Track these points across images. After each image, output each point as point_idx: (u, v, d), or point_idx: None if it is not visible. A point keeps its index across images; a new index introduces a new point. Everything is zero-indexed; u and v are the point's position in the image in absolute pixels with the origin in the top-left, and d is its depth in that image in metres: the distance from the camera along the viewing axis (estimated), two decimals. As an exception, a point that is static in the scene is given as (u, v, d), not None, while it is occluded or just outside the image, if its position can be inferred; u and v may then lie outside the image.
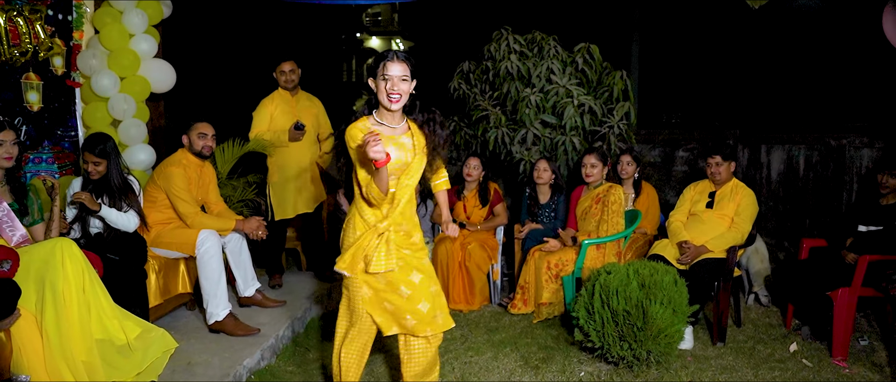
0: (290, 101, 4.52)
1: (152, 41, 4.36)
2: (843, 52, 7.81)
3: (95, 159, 3.37)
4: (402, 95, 2.49)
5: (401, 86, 2.47)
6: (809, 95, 8.04)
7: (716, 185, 4.22)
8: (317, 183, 4.62)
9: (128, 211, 3.42)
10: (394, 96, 2.47)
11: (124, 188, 3.44)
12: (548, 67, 5.13)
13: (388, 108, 2.51)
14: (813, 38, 8.04)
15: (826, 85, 7.95)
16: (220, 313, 3.61)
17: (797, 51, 8.27)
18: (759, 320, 4.38)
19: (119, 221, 3.37)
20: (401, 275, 2.62)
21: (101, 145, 3.38)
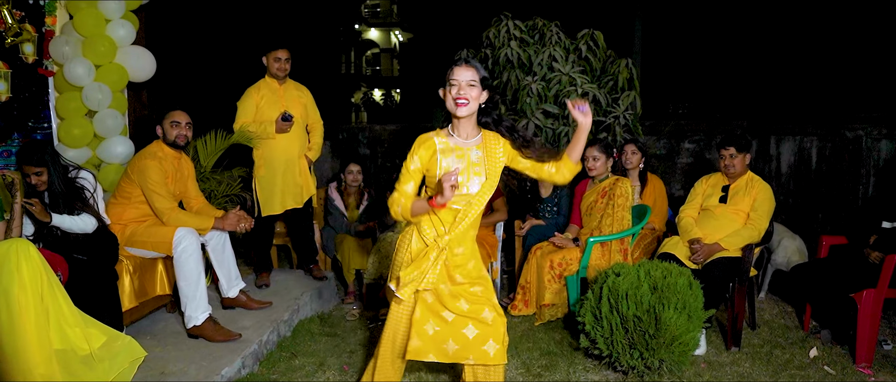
0: (277, 90, 4.26)
1: (130, 27, 4.10)
2: (858, 38, 7.51)
3: (35, 169, 3.06)
4: (469, 100, 2.31)
5: (468, 91, 2.31)
6: (822, 83, 7.74)
7: (729, 178, 3.97)
8: (305, 177, 4.36)
9: (81, 214, 3.15)
10: (460, 101, 2.30)
11: (70, 194, 3.16)
12: (550, 54, 4.87)
13: (454, 114, 2.34)
14: (826, 23, 7.73)
15: (840, 73, 7.65)
16: (199, 316, 3.36)
17: (809, 37, 7.96)
18: (774, 321, 4.14)
19: (73, 226, 3.11)
20: (449, 299, 2.44)
21: (37, 154, 3.07)
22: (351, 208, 4.82)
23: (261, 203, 4.28)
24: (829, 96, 7.52)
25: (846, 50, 7.63)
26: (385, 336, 2.59)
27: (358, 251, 4.53)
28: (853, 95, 7.28)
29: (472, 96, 2.31)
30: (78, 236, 3.10)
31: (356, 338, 3.92)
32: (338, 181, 4.85)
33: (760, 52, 8.39)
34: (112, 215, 3.46)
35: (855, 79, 7.46)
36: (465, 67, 2.32)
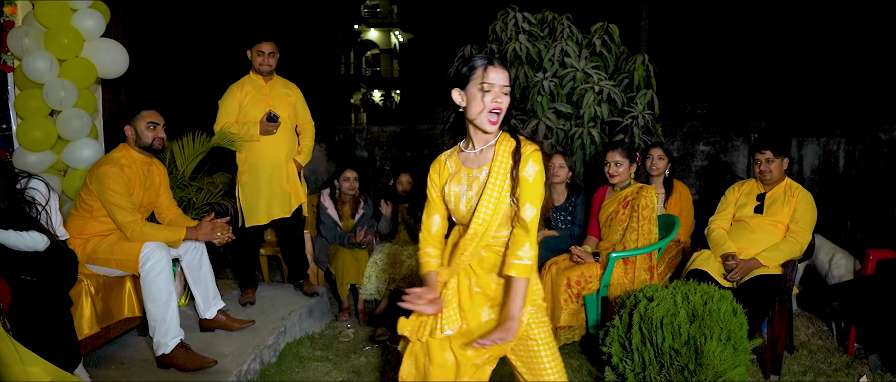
0: (262, 88, 3.86)
1: (99, 17, 3.69)
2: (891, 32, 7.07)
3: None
4: (502, 112, 1.90)
5: (502, 99, 1.89)
6: (850, 81, 7.30)
7: (765, 186, 3.56)
8: (294, 183, 3.96)
9: (29, 230, 2.72)
10: (494, 112, 1.88)
11: (14, 207, 2.73)
12: (562, 48, 4.47)
13: (483, 128, 1.92)
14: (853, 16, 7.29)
15: (871, 70, 7.21)
16: (169, 343, 2.96)
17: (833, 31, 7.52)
18: (812, 343, 3.73)
19: (19, 243, 2.68)
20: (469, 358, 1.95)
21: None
22: (345, 218, 4.41)
23: (244, 212, 3.88)
24: (857, 96, 7.09)
25: (877, 44, 7.18)
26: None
27: (353, 264, 4.13)
28: (886, 94, 6.85)
29: (505, 107, 1.89)
30: (26, 255, 2.69)
31: (350, 364, 3.52)
32: (331, 188, 4.44)
33: (779, 47, 7.96)
34: (72, 229, 3.05)
35: (889, 76, 7.02)
36: (500, 69, 1.88)
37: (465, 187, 1.95)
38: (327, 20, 18.02)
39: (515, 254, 1.85)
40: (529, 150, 1.89)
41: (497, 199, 1.88)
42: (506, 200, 1.89)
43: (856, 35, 7.24)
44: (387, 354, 3.63)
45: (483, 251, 1.95)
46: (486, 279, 1.96)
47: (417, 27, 22.60)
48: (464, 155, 2.00)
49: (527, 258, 1.84)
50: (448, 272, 1.97)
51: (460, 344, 1.93)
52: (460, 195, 1.96)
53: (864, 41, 7.19)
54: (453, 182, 1.98)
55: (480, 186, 1.92)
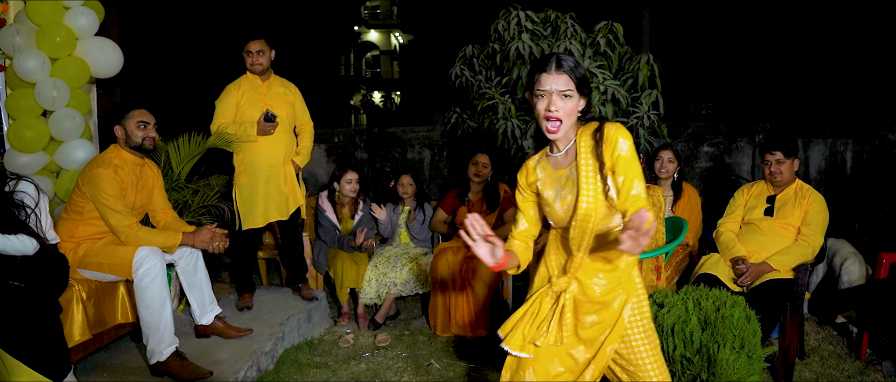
0: (259, 87, 3.77)
1: (92, 15, 3.61)
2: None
3: None
4: (563, 118, 1.78)
5: (561, 104, 1.78)
6: (857, 81, 7.20)
7: (775, 187, 3.48)
8: (292, 185, 3.86)
9: (18, 234, 2.63)
10: (552, 124, 1.78)
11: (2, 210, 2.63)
12: (566, 48, 4.38)
13: (545, 132, 1.84)
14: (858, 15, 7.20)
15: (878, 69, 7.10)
16: (163, 351, 2.87)
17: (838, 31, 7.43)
18: (823, 348, 3.64)
19: (7, 248, 2.58)
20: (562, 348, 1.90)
21: None
22: (344, 220, 4.32)
23: (241, 215, 3.79)
24: (864, 95, 6.99)
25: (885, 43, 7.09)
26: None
27: (353, 268, 4.04)
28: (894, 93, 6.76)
29: (567, 111, 1.78)
30: (14, 259, 2.60)
31: (349, 371, 3.43)
32: (329, 191, 4.35)
33: (784, 46, 7.86)
34: (63, 232, 2.96)
35: (895, 76, 6.94)
36: (557, 73, 1.76)
37: (557, 188, 1.88)
38: (327, 21, 17.95)
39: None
40: (614, 129, 1.78)
41: (594, 188, 1.78)
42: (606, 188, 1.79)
43: (862, 34, 7.15)
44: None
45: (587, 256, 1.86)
46: (588, 283, 1.86)
47: (418, 28, 22.53)
48: (552, 159, 1.92)
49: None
50: (566, 280, 1.86)
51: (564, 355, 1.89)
52: (554, 198, 1.88)
53: (871, 40, 7.10)
54: (546, 187, 1.91)
55: (572, 182, 1.83)
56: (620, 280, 1.87)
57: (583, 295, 1.87)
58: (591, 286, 1.86)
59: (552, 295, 1.90)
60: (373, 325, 4.05)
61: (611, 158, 1.76)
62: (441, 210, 4.33)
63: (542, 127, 1.81)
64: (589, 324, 1.87)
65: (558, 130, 1.79)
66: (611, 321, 1.87)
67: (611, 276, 1.86)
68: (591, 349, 1.89)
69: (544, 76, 1.77)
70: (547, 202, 1.90)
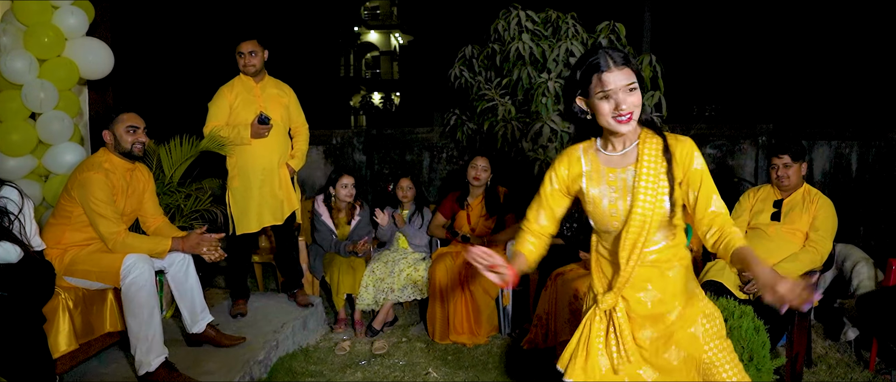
0: (253, 88, 3.68)
1: (82, 15, 3.52)
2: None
3: None
4: (633, 111, 1.68)
5: (630, 99, 1.67)
6: (862, 82, 7.11)
7: (782, 192, 3.39)
8: (286, 189, 3.77)
9: (1, 241, 2.54)
10: (623, 117, 1.68)
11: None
12: (567, 48, 4.30)
13: (617, 131, 1.72)
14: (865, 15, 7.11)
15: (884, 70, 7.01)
16: (151, 362, 2.79)
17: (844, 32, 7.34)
18: (830, 356, 3.56)
19: None
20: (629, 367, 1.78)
21: None
22: (341, 225, 4.23)
23: (235, 219, 3.70)
24: (869, 96, 6.91)
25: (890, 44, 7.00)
26: None
27: (349, 273, 3.95)
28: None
29: (635, 105, 1.67)
30: None
31: (345, 380, 3.35)
32: (325, 195, 4.26)
33: (787, 47, 7.77)
34: (49, 238, 2.87)
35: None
36: (619, 69, 1.66)
37: (606, 188, 1.77)
38: (327, 22, 17.88)
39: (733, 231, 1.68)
40: (686, 144, 1.71)
41: (653, 200, 1.70)
42: (664, 202, 1.70)
43: (867, 35, 7.07)
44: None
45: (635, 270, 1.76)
46: (635, 297, 1.77)
47: (418, 29, 22.49)
48: (604, 156, 1.81)
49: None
50: (613, 297, 1.76)
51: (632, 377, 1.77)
52: (601, 197, 1.78)
53: (876, 40, 7.01)
54: (592, 184, 1.80)
55: (626, 186, 1.74)
56: (674, 291, 1.76)
57: (633, 311, 1.77)
58: (640, 300, 1.76)
59: (602, 316, 1.79)
60: (370, 332, 3.96)
61: (683, 171, 1.70)
62: (440, 215, 4.24)
63: (614, 124, 1.68)
64: (648, 341, 1.76)
65: (629, 121, 1.67)
66: (668, 335, 1.76)
67: (660, 285, 1.76)
68: (657, 368, 1.76)
69: (605, 76, 1.65)
70: (592, 201, 1.80)
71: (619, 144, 1.77)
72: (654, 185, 1.70)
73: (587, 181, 1.81)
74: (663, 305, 1.76)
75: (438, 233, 4.24)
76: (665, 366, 1.75)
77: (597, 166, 1.80)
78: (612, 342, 1.76)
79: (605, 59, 1.66)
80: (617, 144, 1.78)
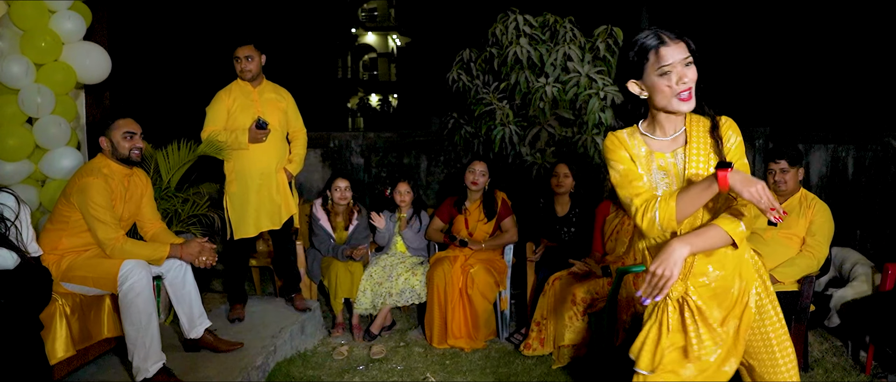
0: (250, 93, 3.68)
1: (79, 20, 3.51)
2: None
3: None
4: (692, 87, 1.66)
5: (690, 73, 1.65)
6: (858, 86, 7.12)
7: (779, 196, 3.40)
8: (284, 194, 3.77)
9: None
10: (684, 94, 1.65)
11: None
12: (564, 53, 4.30)
13: (677, 110, 1.69)
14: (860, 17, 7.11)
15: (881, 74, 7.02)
16: (149, 368, 2.78)
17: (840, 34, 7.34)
18: (827, 360, 3.57)
19: None
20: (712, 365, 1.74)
21: None
22: (339, 229, 4.22)
23: (232, 224, 3.69)
24: (866, 100, 6.92)
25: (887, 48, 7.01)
26: None
27: (347, 277, 3.95)
28: None
29: (693, 80, 1.65)
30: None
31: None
32: (323, 198, 4.26)
33: (783, 50, 7.78)
34: (46, 244, 2.86)
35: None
36: (675, 44, 1.64)
37: (657, 173, 1.74)
38: (324, 24, 17.87)
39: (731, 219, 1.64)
40: (727, 120, 1.72)
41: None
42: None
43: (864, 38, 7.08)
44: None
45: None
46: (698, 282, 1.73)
47: (415, 31, 22.48)
48: (650, 141, 1.76)
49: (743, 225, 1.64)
50: (682, 284, 1.73)
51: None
52: (654, 184, 1.74)
53: (873, 44, 7.03)
54: (644, 169, 1.75)
55: (678, 171, 1.72)
56: (735, 266, 1.73)
57: (699, 295, 1.73)
58: (703, 283, 1.73)
59: (674, 305, 1.75)
60: (368, 336, 3.96)
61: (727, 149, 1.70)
62: (437, 219, 4.24)
63: (675, 103, 1.65)
64: (719, 322, 1.72)
65: (690, 98, 1.65)
66: (738, 312, 1.73)
67: (720, 264, 1.73)
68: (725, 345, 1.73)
69: (663, 50, 1.63)
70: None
71: (670, 127, 1.74)
72: (705, 167, 1.68)
73: (639, 167, 1.76)
74: (725, 280, 1.73)
75: (436, 237, 4.24)
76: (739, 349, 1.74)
77: (647, 150, 1.76)
78: (690, 327, 1.72)
79: (658, 35, 1.65)
80: (667, 127, 1.75)
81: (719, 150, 1.69)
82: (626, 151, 1.77)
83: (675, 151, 1.74)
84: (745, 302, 1.74)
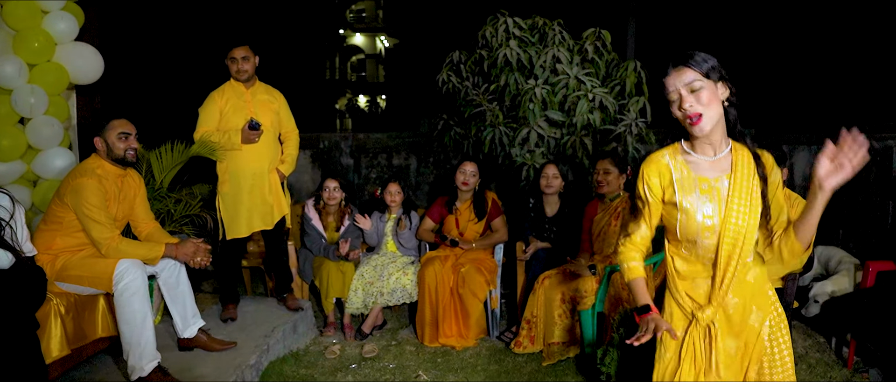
0: (243, 94, 3.70)
1: (72, 20, 3.53)
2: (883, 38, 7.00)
3: None
4: (705, 108, 1.67)
5: (695, 100, 1.67)
6: (841, 88, 7.25)
7: (763, 197, 3.47)
8: (276, 194, 3.80)
9: None
10: (692, 119, 1.68)
11: None
12: (553, 55, 4.36)
13: (693, 135, 1.73)
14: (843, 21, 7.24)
15: (862, 77, 7.15)
16: (144, 367, 2.80)
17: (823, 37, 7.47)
18: (810, 356, 3.65)
19: None
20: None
21: None
22: (330, 229, 4.25)
23: (225, 224, 3.71)
24: (848, 103, 7.04)
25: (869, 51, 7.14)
26: None
27: (338, 277, 3.98)
28: (879, 101, 6.81)
29: (705, 102, 1.66)
30: (-11, 274, 2.52)
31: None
32: (316, 198, 4.29)
33: (767, 52, 7.91)
34: (40, 244, 2.87)
35: (881, 84, 6.98)
36: (675, 71, 1.69)
37: (698, 196, 1.74)
38: (312, 25, 17.84)
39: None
40: (769, 160, 1.75)
41: (747, 212, 1.70)
42: (757, 215, 1.71)
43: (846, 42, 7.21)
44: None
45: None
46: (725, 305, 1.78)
47: (403, 32, 22.50)
48: (693, 162, 1.77)
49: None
50: (713, 310, 1.76)
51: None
52: (695, 209, 1.74)
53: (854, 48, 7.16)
54: (684, 192, 1.75)
55: (721, 197, 1.72)
56: (753, 295, 1.77)
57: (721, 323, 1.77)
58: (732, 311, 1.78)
59: (701, 331, 1.78)
60: (359, 335, 3.99)
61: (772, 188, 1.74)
62: (428, 219, 4.28)
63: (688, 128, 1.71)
64: (733, 352, 1.78)
65: (699, 123, 1.67)
66: (752, 342, 1.77)
67: (741, 292, 1.76)
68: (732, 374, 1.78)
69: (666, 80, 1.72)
70: (685, 211, 1.75)
71: (709, 148, 1.75)
72: (747, 197, 1.70)
73: (679, 191, 1.76)
74: (744, 309, 1.77)
75: (427, 237, 4.28)
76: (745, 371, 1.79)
77: (688, 173, 1.76)
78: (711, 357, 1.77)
79: (671, 64, 1.70)
80: (706, 148, 1.75)
81: (764, 186, 1.72)
82: (657, 178, 1.80)
83: (718, 176, 1.74)
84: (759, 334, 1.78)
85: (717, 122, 1.69)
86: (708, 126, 1.68)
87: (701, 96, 1.66)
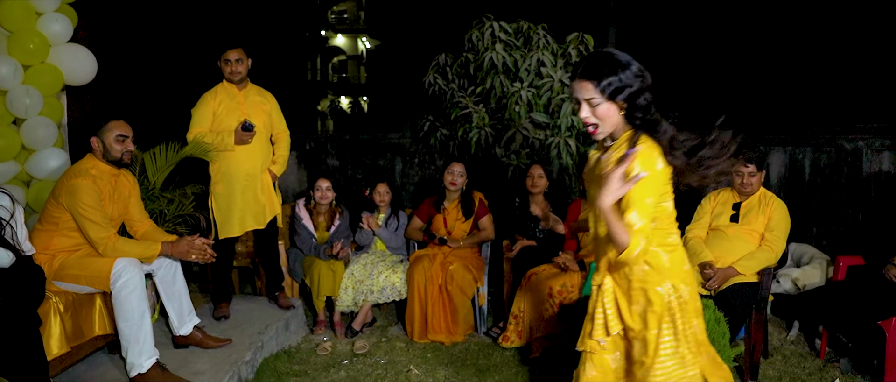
0: (236, 96, 3.77)
1: (66, 22, 3.57)
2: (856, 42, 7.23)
3: None
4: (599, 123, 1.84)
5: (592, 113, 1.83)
6: (814, 90, 7.46)
7: (741, 195, 3.62)
8: (268, 194, 3.87)
9: None
10: (588, 127, 1.87)
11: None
12: (538, 58, 4.48)
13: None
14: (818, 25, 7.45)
15: (835, 80, 7.37)
16: (143, 363, 2.85)
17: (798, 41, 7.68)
18: (785, 348, 3.82)
19: None
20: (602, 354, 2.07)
21: None
22: (320, 229, 4.33)
23: (218, 224, 3.77)
24: (822, 105, 7.26)
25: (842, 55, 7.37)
26: None
27: (329, 276, 4.06)
28: (850, 103, 7.03)
29: (601, 116, 1.81)
30: (-9, 272, 2.56)
31: (329, 378, 3.46)
32: (306, 198, 4.36)
33: (744, 56, 8.11)
34: (37, 244, 2.91)
35: (852, 87, 7.22)
36: (580, 82, 1.82)
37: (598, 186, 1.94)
38: (294, 26, 17.82)
39: None
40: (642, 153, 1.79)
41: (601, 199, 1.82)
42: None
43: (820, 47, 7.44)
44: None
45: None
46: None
47: (384, 34, 22.53)
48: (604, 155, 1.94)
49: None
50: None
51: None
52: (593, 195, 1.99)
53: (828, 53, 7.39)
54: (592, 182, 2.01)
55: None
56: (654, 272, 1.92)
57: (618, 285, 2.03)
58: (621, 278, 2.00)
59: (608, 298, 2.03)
60: (350, 333, 4.07)
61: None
62: (417, 218, 4.38)
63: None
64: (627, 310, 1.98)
65: (595, 132, 1.86)
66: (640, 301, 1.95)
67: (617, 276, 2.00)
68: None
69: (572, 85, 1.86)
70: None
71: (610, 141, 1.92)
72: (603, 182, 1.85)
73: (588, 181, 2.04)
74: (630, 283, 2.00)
75: (416, 236, 4.38)
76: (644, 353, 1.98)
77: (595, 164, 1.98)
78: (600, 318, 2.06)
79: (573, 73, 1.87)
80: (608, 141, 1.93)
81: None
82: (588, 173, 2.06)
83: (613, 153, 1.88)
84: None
85: (614, 125, 1.85)
86: (603, 134, 1.87)
87: (598, 111, 1.82)
